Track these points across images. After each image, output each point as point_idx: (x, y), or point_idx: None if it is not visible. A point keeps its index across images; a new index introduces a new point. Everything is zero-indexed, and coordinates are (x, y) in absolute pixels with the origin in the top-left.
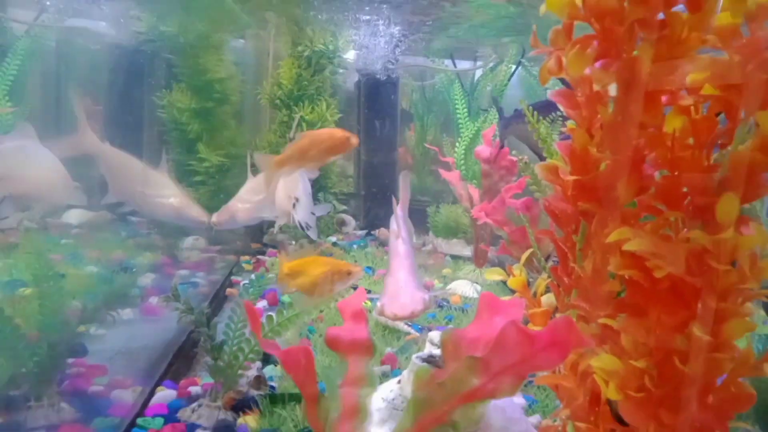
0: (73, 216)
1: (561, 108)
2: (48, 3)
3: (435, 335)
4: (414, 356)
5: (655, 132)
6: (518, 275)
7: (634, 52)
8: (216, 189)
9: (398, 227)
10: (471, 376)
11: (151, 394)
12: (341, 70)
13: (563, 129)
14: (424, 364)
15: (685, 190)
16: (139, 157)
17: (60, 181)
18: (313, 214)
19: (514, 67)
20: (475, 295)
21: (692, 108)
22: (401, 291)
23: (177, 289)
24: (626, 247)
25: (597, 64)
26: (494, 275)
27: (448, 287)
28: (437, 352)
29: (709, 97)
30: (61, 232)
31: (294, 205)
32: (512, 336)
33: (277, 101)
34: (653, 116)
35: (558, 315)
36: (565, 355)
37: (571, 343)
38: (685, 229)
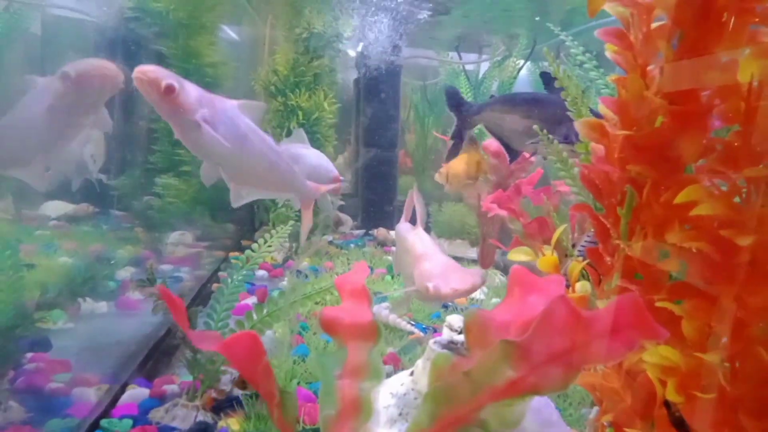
0: (52, 208)
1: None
2: None
3: (455, 319)
4: (431, 341)
5: (727, 77)
6: (549, 255)
7: None
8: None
9: (419, 217)
10: (505, 366)
11: (121, 392)
12: (338, 74)
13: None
14: (444, 350)
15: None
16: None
17: None
18: None
19: (522, 60)
20: (482, 297)
21: None
22: (451, 268)
23: (153, 273)
24: (695, 211)
25: None
26: (520, 255)
27: None
28: (459, 338)
29: None
30: (37, 223)
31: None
32: (561, 315)
33: (272, 88)
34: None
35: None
36: (633, 346)
37: (640, 330)
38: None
